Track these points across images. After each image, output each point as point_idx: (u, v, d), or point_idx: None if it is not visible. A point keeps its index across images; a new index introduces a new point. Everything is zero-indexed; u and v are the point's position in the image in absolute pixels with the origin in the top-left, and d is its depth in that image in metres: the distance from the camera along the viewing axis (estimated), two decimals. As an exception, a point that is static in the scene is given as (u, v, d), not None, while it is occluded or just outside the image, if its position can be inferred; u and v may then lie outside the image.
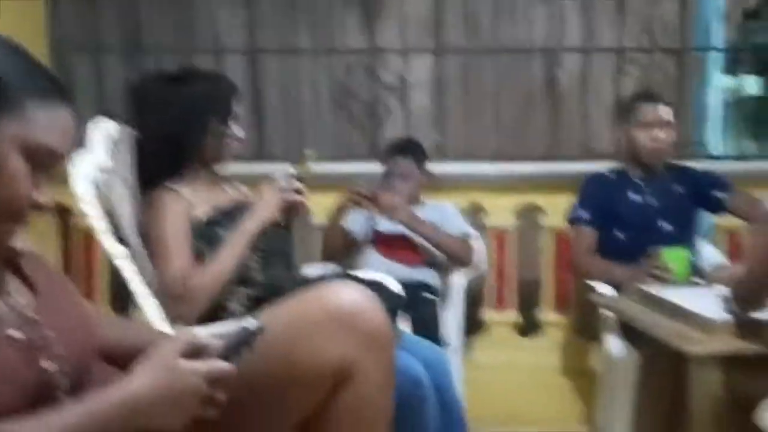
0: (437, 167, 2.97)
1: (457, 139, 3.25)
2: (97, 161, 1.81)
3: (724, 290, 1.90)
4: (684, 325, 1.86)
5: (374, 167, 2.88)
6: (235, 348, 0.99)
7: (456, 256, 2.72)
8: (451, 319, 2.66)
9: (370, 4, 3.39)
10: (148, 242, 1.81)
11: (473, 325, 3.05)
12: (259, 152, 3.30)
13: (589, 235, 2.65)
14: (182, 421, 0.95)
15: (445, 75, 3.34)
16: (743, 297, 1.75)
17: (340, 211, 2.65)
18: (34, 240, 2.89)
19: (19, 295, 0.99)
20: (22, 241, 1.00)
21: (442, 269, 2.77)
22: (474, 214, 3.08)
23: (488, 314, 3.08)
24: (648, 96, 2.73)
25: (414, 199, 2.76)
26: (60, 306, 1.04)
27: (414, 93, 3.31)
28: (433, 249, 2.68)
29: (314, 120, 3.22)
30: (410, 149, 2.80)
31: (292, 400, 1.12)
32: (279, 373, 1.10)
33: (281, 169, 1.96)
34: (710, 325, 1.78)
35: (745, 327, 1.75)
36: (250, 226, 1.82)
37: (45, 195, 0.95)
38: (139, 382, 0.93)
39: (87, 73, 3.23)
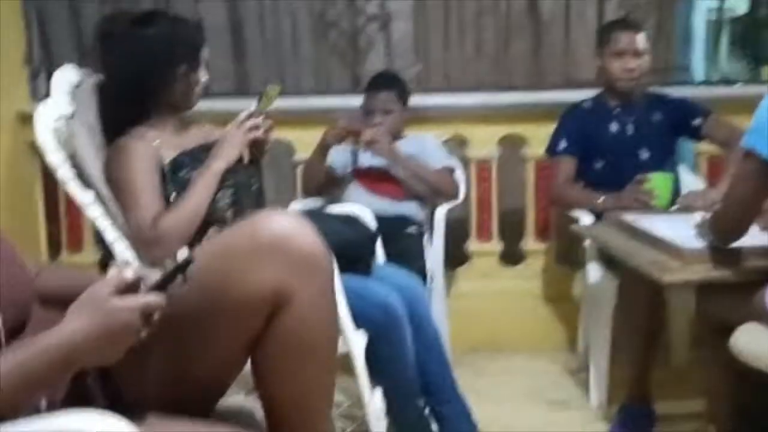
0: (419, 99, 2.96)
1: (438, 69, 3.22)
2: (59, 109, 1.80)
3: (699, 218, 1.94)
4: (659, 254, 1.89)
5: (356, 101, 2.86)
6: (167, 279, 1.02)
7: (439, 190, 2.73)
8: (435, 251, 2.70)
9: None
10: (117, 188, 1.79)
11: (458, 257, 3.09)
12: (241, 87, 3.27)
13: (568, 165, 2.66)
14: (119, 356, 0.99)
15: (425, 4, 3.28)
16: (721, 230, 1.77)
17: (322, 147, 2.65)
18: (17, 183, 2.90)
19: None
20: None
21: (426, 202, 2.79)
22: (457, 145, 3.09)
23: (472, 245, 3.11)
24: (623, 24, 2.72)
25: (396, 133, 2.76)
26: None
27: (395, 23, 3.26)
28: (415, 183, 2.70)
29: (295, 53, 3.18)
30: (391, 83, 2.78)
31: (232, 328, 1.15)
32: (216, 303, 1.13)
33: (246, 106, 1.95)
34: (683, 253, 1.81)
35: (717, 255, 1.78)
36: (216, 165, 1.82)
37: None
38: (73, 326, 0.96)
39: (65, 19, 3.17)
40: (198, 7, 3.08)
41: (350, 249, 1.93)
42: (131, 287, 1.01)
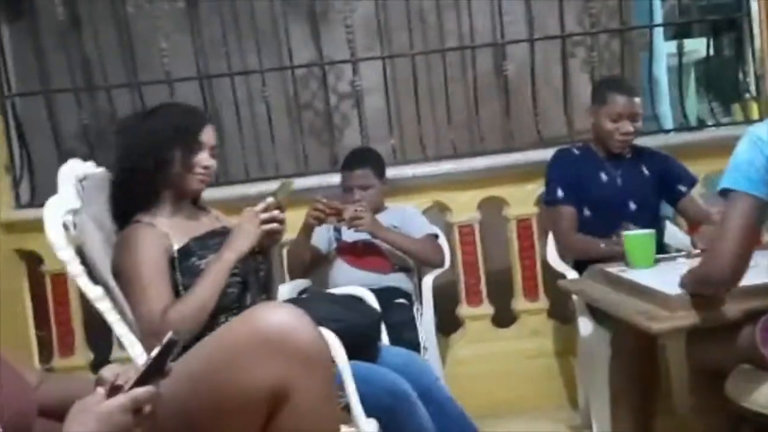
0: (397, 171, 3.01)
1: (413, 139, 3.28)
2: (66, 204, 1.83)
3: (685, 268, 1.92)
4: (646, 303, 1.89)
5: (335, 179, 2.91)
6: (153, 368, 1.03)
7: (424, 258, 2.76)
8: (426, 320, 2.70)
9: (314, 17, 3.41)
10: (125, 280, 1.80)
11: (450, 323, 3.09)
12: (221, 174, 3.31)
13: (569, 213, 2.66)
14: None
15: (395, 77, 3.36)
16: (716, 280, 1.68)
17: (305, 228, 2.67)
18: (4, 292, 2.88)
19: None
20: None
21: (413, 272, 2.81)
22: (438, 212, 3.12)
23: (463, 310, 3.11)
24: (620, 86, 2.69)
25: (376, 207, 2.80)
26: None
27: (368, 98, 3.33)
28: (401, 254, 2.72)
29: (271, 136, 3.22)
30: (367, 159, 2.83)
31: (230, 428, 1.15)
32: (214, 403, 1.13)
33: (263, 198, 1.95)
34: (670, 300, 1.81)
35: (704, 300, 1.77)
36: (227, 255, 1.81)
37: None
38: None
39: (44, 125, 3.22)
40: (173, 98, 3.14)
41: (358, 335, 1.92)
42: (118, 388, 1.02)
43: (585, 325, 2.51)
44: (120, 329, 1.76)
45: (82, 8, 3.35)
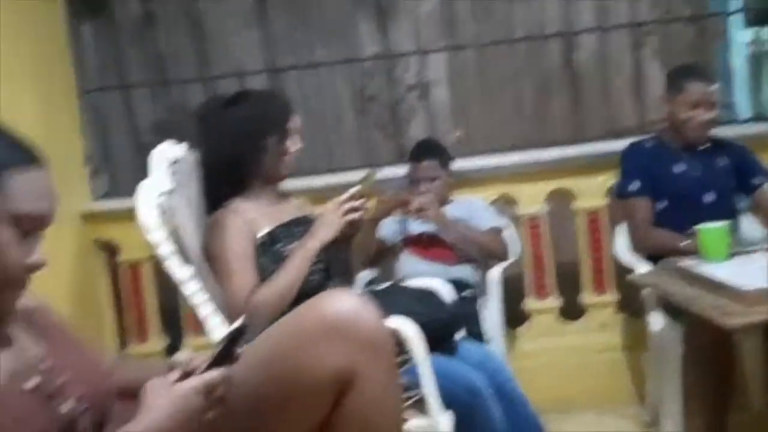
0: (463, 163, 3.00)
1: (479, 130, 3.27)
2: (159, 186, 1.88)
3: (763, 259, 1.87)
4: (720, 298, 1.85)
5: (401, 171, 2.91)
6: (224, 353, 1.06)
7: (488, 251, 2.74)
8: (492, 313, 2.69)
9: (382, 9, 3.43)
10: (213, 263, 1.86)
11: (515, 316, 3.06)
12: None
13: (644, 205, 2.59)
14: None
15: (462, 68, 3.35)
16: None
17: (372, 221, 2.69)
18: (83, 282, 2.97)
19: (32, 347, 1.06)
20: (29, 297, 1.07)
21: (479, 264, 2.80)
22: (505, 204, 3.10)
23: (530, 303, 3.08)
24: (696, 73, 2.62)
25: (443, 199, 2.79)
26: (71, 351, 1.12)
27: (434, 90, 3.33)
28: (466, 246, 2.71)
29: (338, 129, 3.27)
30: (433, 151, 2.82)
31: (297, 413, 1.17)
32: (282, 389, 1.15)
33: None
34: (745, 295, 1.77)
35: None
36: (311, 243, 1.85)
37: (38, 255, 1.00)
38: (149, 417, 1.00)
39: (118, 111, 3.33)
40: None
41: (437, 329, 1.92)
42: (191, 372, 1.05)
43: (657, 320, 2.46)
44: (204, 311, 1.80)
45: (157, 5, 3.45)
